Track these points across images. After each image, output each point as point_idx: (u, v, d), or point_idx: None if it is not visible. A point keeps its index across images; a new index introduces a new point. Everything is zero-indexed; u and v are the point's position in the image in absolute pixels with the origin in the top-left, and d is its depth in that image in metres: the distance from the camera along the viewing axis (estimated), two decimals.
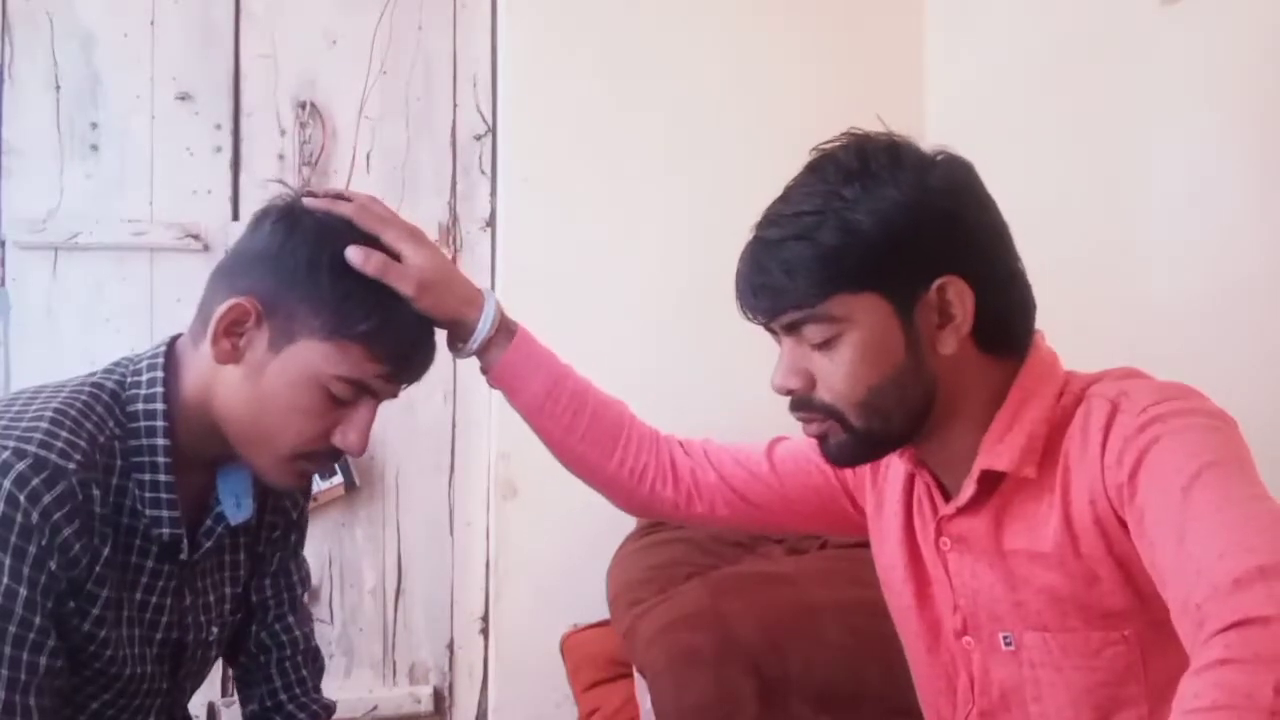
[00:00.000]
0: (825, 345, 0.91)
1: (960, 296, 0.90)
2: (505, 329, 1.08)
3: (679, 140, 2.21)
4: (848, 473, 1.12)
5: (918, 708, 1.16)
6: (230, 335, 0.98)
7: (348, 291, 0.97)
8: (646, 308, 2.19)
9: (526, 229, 2.18)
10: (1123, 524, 0.84)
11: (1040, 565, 0.89)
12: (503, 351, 1.07)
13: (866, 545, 1.19)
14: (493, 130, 2.24)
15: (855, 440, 0.93)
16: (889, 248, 0.88)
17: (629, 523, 1.98)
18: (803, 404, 0.94)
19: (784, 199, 0.94)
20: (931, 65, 2.26)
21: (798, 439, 1.13)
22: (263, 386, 0.98)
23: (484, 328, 1.05)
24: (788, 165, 0.96)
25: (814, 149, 0.95)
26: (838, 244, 0.88)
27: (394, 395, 1.04)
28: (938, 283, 0.89)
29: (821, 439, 0.95)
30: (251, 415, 0.99)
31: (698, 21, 2.23)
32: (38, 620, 0.90)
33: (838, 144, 0.94)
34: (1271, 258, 1.39)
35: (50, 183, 2.04)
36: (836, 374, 0.91)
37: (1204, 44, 1.49)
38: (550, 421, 1.10)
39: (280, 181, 2.08)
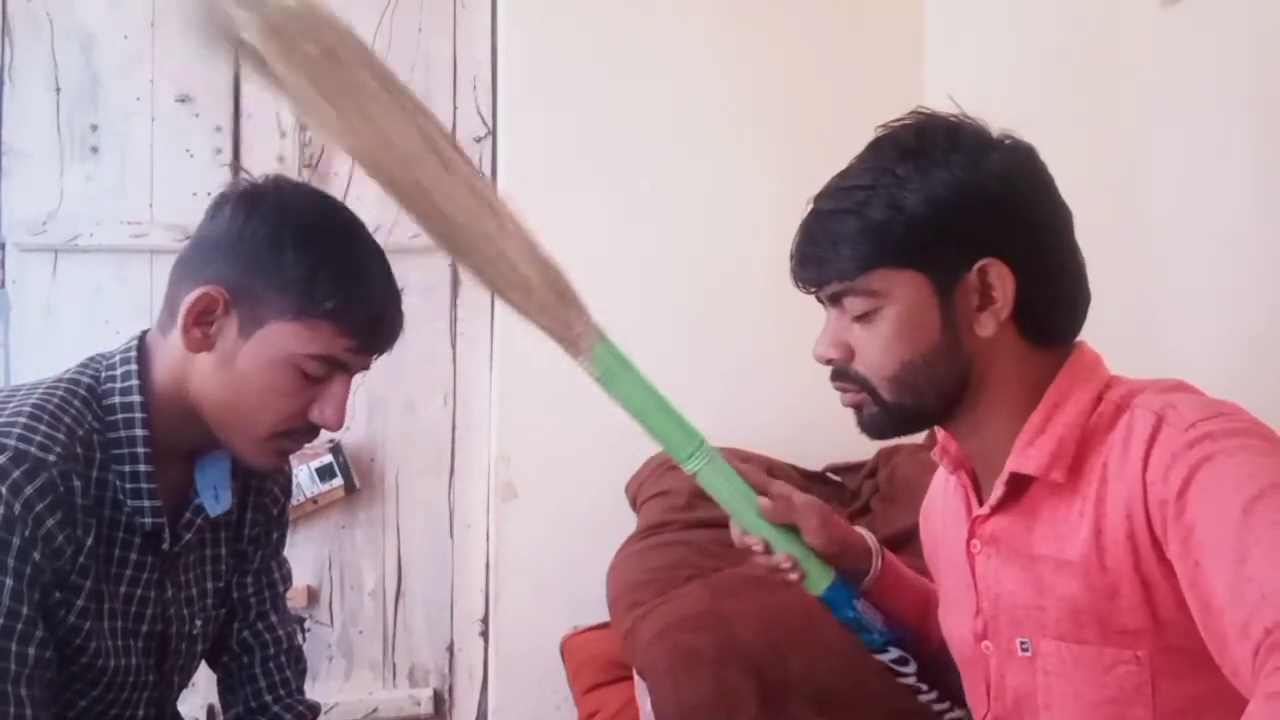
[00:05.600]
0: (864, 318, 0.93)
1: (1001, 279, 0.90)
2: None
3: (679, 141, 2.21)
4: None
5: (917, 710, 1.16)
6: (200, 325, 0.99)
7: (312, 269, 0.98)
8: (646, 308, 2.19)
9: None
10: (1155, 542, 0.82)
11: (1065, 574, 0.88)
12: (877, 574, 1.12)
13: None
14: (493, 132, 2.24)
15: (885, 414, 0.95)
16: (933, 227, 0.90)
17: (629, 524, 1.98)
18: (841, 374, 0.97)
19: (843, 173, 0.96)
20: (931, 65, 2.25)
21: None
22: (236, 372, 0.99)
23: (876, 563, 1.11)
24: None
25: (880, 126, 0.96)
26: (883, 220, 0.90)
27: (366, 367, 1.06)
28: (979, 264, 0.90)
29: (856, 409, 0.97)
30: (228, 400, 1.00)
31: (697, 22, 2.23)
32: (25, 611, 0.91)
33: (902, 122, 0.96)
34: (1271, 259, 1.39)
35: (50, 184, 2.04)
36: (872, 347, 0.93)
37: (1204, 44, 1.48)
38: (928, 629, 1.12)
39: (243, 170, 2.09)
